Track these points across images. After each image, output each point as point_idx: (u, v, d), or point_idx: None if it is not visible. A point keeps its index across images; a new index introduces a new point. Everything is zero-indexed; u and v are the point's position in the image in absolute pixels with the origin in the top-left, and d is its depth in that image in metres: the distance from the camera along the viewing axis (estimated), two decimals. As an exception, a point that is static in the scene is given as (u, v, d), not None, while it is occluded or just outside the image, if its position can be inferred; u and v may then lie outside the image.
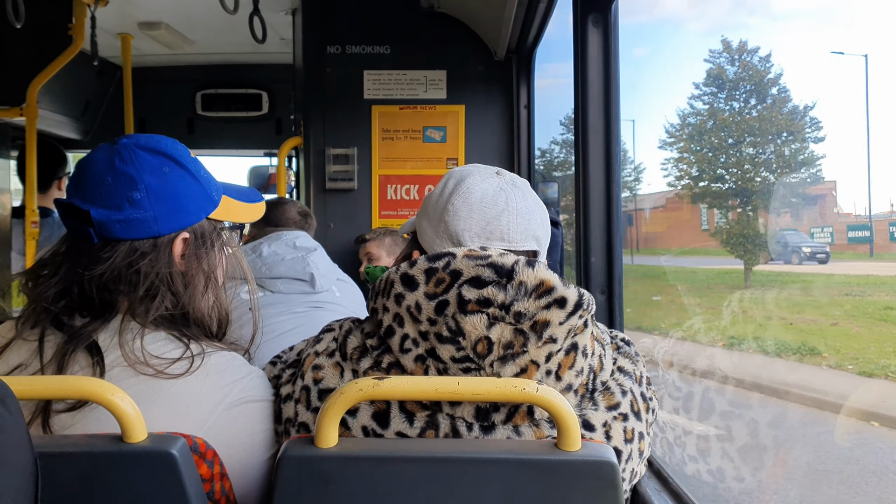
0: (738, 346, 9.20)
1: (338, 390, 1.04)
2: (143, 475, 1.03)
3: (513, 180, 1.27)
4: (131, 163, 1.22)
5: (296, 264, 2.12)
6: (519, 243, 1.21)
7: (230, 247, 1.38)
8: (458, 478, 1.03)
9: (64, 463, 1.02)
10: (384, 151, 3.59)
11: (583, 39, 1.95)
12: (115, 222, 1.21)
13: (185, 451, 1.05)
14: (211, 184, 1.33)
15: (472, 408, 1.13)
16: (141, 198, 1.21)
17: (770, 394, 7.60)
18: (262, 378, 1.30)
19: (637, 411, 1.22)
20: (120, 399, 1.03)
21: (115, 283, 1.22)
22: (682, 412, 7.00)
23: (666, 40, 13.82)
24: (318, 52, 3.53)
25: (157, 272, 1.23)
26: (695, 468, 5.79)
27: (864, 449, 6.07)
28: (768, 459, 6.22)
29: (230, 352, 1.29)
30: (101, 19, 3.28)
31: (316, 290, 2.12)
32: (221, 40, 4.13)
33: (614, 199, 1.93)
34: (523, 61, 3.53)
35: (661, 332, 10.08)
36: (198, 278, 1.29)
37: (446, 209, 1.24)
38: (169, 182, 1.25)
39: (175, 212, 1.25)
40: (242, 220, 1.42)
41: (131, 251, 1.22)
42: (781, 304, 10.42)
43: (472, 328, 1.10)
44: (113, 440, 1.04)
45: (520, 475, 1.03)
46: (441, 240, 1.24)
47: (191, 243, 1.28)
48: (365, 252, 3.34)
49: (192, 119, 4.63)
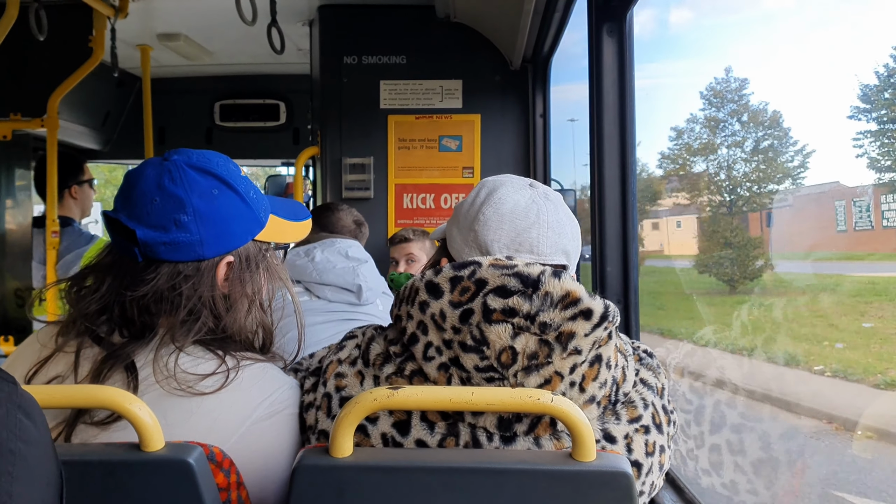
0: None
1: (352, 400, 1.04)
2: (160, 484, 1.04)
3: (546, 193, 1.26)
4: (181, 183, 1.21)
5: (346, 274, 2.13)
6: (548, 257, 1.21)
7: (274, 268, 1.36)
8: (473, 488, 1.03)
9: (82, 471, 1.03)
10: (400, 161, 3.60)
11: (598, 48, 1.95)
12: (160, 244, 1.20)
13: (201, 459, 1.05)
14: (259, 204, 1.31)
15: (495, 418, 1.13)
16: (188, 221, 1.20)
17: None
18: (295, 389, 1.29)
19: (659, 424, 1.21)
20: (138, 408, 1.04)
21: (156, 304, 1.21)
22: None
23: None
24: (335, 63, 3.55)
25: (200, 295, 1.23)
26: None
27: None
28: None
29: (266, 363, 1.28)
30: (120, 31, 3.32)
31: (361, 302, 2.13)
32: (239, 51, 4.17)
33: (630, 208, 1.92)
34: (539, 70, 3.53)
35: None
36: (241, 302, 1.28)
37: (477, 219, 1.24)
38: (217, 205, 1.23)
39: (221, 236, 1.24)
40: (288, 240, 1.40)
41: (175, 273, 1.22)
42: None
43: (496, 338, 1.10)
44: (130, 449, 1.05)
45: (535, 486, 1.02)
46: (470, 249, 1.24)
47: (235, 267, 1.27)
48: (406, 252, 3.30)
49: (210, 129, 4.67)
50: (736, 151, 8.05)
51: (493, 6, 3.16)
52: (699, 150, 8.36)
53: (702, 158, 8.38)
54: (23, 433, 0.76)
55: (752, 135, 7.97)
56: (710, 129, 8.13)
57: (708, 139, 8.22)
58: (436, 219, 3.61)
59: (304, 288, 2.11)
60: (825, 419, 4.64)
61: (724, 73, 8.14)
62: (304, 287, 2.11)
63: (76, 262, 3.31)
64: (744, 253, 7.21)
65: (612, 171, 1.93)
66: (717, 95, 8.03)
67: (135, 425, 1.04)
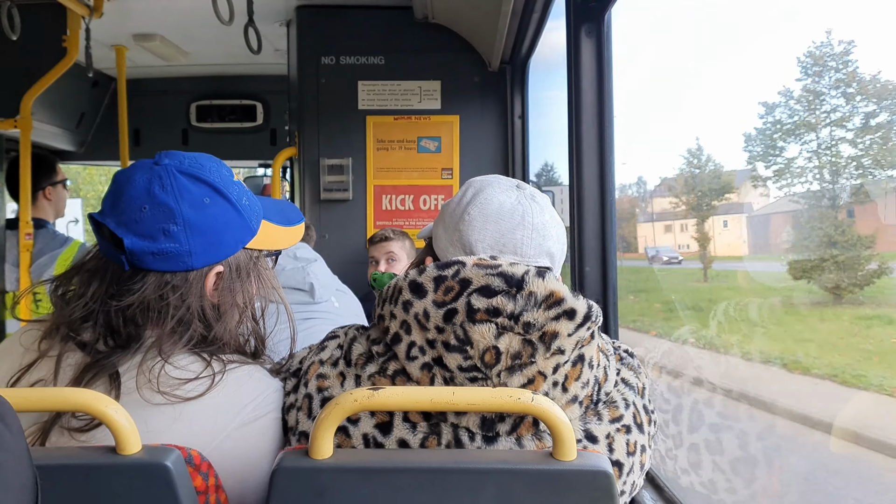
0: None
1: (332, 401, 1.03)
2: (137, 487, 1.03)
3: (532, 195, 1.26)
4: (171, 192, 1.18)
5: (296, 274, 2.12)
6: (532, 258, 1.21)
7: (266, 275, 1.33)
8: (452, 488, 1.02)
9: (58, 475, 1.02)
10: (379, 162, 3.60)
11: (576, 49, 1.96)
12: (148, 254, 1.18)
13: (179, 462, 1.04)
14: (251, 211, 1.28)
15: (478, 418, 1.12)
16: (178, 231, 1.18)
17: None
18: (279, 391, 1.27)
19: (640, 423, 1.22)
20: (114, 411, 1.03)
21: (143, 314, 1.19)
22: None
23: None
24: (313, 63, 3.54)
25: (188, 306, 1.21)
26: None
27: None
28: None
29: (252, 365, 1.26)
30: (95, 31, 3.29)
31: (315, 301, 2.11)
32: (216, 51, 4.14)
33: (608, 208, 1.93)
34: (517, 71, 3.54)
35: None
36: (231, 311, 1.26)
37: (462, 218, 1.24)
38: (208, 215, 1.20)
39: (211, 246, 1.22)
40: (281, 246, 1.37)
41: (162, 283, 1.19)
42: None
43: (480, 337, 1.10)
44: (107, 452, 1.04)
45: (515, 485, 1.02)
46: (454, 248, 1.24)
47: (225, 276, 1.25)
48: (386, 251, 3.29)
49: (186, 130, 4.63)
50: (841, 130, 6.41)
51: (472, 7, 3.16)
52: (794, 128, 6.98)
53: (796, 139, 6.92)
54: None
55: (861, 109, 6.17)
56: (807, 103, 6.67)
57: (805, 115, 6.74)
58: (415, 220, 3.60)
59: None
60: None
61: (825, 35, 6.70)
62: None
63: (50, 264, 3.27)
64: (854, 254, 5.83)
65: (590, 171, 1.94)
66: (816, 62, 6.58)
67: (111, 428, 1.02)
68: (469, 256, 1.16)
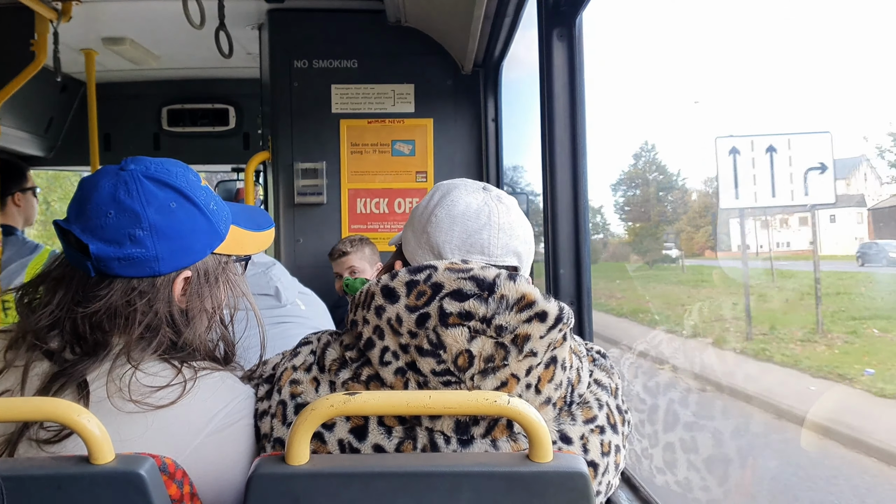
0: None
1: (308, 406, 1.03)
2: (111, 497, 1.02)
3: (499, 196, 1.27)
4: (137, 197, 1.17)
5: (259, 280, 2.10)
6: (499, 258, 1.22)
7: (234, 281, 1.32)
8: (430, 492, 1.03)
9: (28, 487, 1.00)
10: (353, 165, 3.59)
11: (548, 53, 1.97)
12: (114, 259, 1.16)
13: (153, 471, 1.03)
14: (220, 216, 1.27)
15: (452, 421, 1.13)
16: (144, 236, 1.16)
17: None
18: (251, 398, 1.27)
19: (613, 424, 1.23)
20: (86, 420, 1.01)
21: (110, 320, 1.17)
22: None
23: None
24: (285, 67, 3.52)
25: (156, 311, 1.19)
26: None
27: None
28: None
29: (224, 372, 1.25)
30: (64, 35, 3.24)
31: (282, 304, 2.10)
32: (187, 55, 4.11)
33: (582, 210, 1.94)
34: (490, 75, 3.55)
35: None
36: (200, 317, 1.25)
37: (430, 220, 1.24)
38: (175, 220, 1.19)
39: (179, 251, 1.20)
40: (250, 251, 1.36)
41: (129, 289, 1.18)
42: None
43: (453, 341, 1.10)
44: (79, 462, 1.03)
45: (492, 488, 1.03)
46: (423, 251, 1.25)
47: (193, 281, 1.24)
48: (347, 266, 3.30)
49: (157, 135, 4.59)
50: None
51: (444, 11, 3.17)
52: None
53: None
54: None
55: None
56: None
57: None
58: (390, 223, 3.60)
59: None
60: None
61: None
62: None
63: (20, 271, 3.22)
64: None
65: (563, 174, 1.95)
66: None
67: (83, 437, 1.01)
68: (441, 261, 1.17)
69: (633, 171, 13.54)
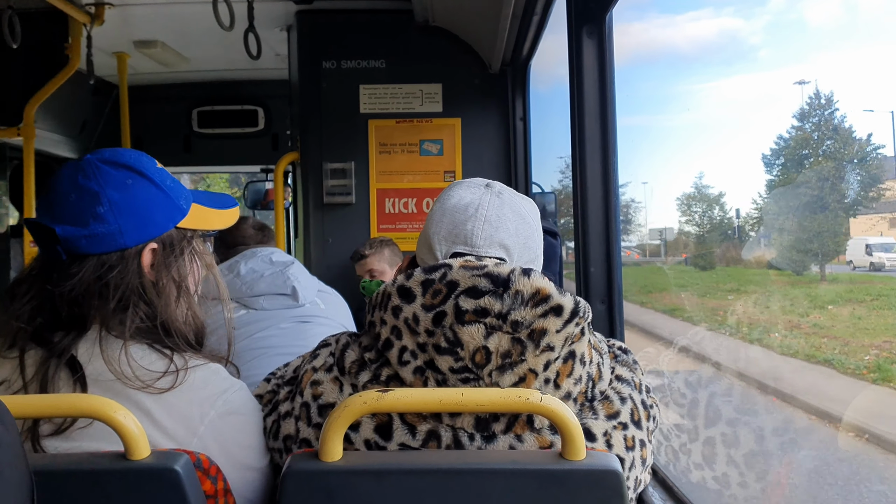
0: None
1: (341, 404, 1.04)
2: (146, 492, 1.03)
3: (499, 191, 1.28)
4: (94, 178, 1.24)
5: (276, 279, 2.11)
6: (482, 249, 1.22)
7: (201, 254, 1.38)
8: (462, 489, 1.03)
9: (66, 481, 1.02)
10: (381, 165, 3.60)
11: (577, 51, 1.96)
12: (80, 238, 1.22)
13: (188, 467, 1.04)
14: (178, 192, 1.33)
15: (472, 418, 1.13)
16: (105, 212, 1.23)
17: None
18: (245, 390, 1.31)
19: (637, 420, 1.22)
20: (123, 416, 1.03)
21: (84, 297, 1.23)
22: None
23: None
24: (314, 68, 3.54)
25: (128, 284, 1.24)
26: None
27: None
28: None
29: (213, 363, 1.30)
30: (97, 38, 3.29)
31: (300, 303, 2.11)
32: (217, 57, 4.15)
33: (612, 208, 1.93)
34: (518, 73, 3.54)
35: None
36: (169, 287, 1.29)
37: (429, 216, 1.29)
38: (132, 194, 1.26)
39: (141, 223, 1.26)
40: (214, 227, 1.42)
41: (99, 265, 1.24)
42: None
43: (469, 338, 1.11)
44: (116, 458, 1.04)
45: (524, 485, 1.03)
46: (421, 246, 1.29)
47: (159, 253, 1.29)
48: (367, 269, 3.32)
49: (188, 136, 4.64)
50: None
51: (472, 10, 3.17)
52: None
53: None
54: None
55: None
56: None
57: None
58: (418, 223, 3.61)
59: (241, 304, 2.08)
60: None
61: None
62: (237, 303, 2.08)
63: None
64: None
65: (594, 172, 1.94)
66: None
67: (120, 433, 1.03)
68: (455, 258, 1.18)
69: (800, 136, 8.40)
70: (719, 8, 16.48)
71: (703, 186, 10.56)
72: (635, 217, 13.06)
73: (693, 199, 10.47)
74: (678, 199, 10.75)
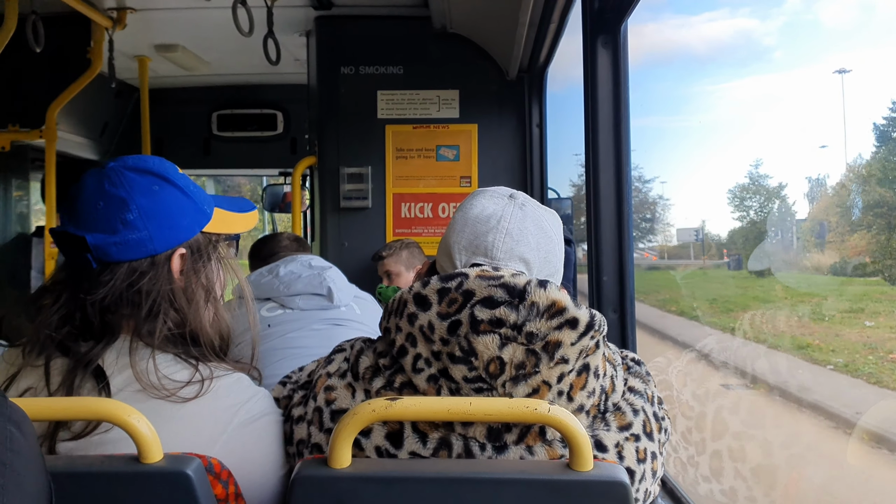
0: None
1: (351, 411, 1.05)
2: (159, 495, 1.04)
3: (523, 203, 1.28)
4: (121, 185, 1.24)
5: (313, 280, 2.15)
6: (502, 262, 1.22)
7: (226, 258, 1.39)
8: (470, 498, 1.03)
9: (79, 484, 1.04)
10: (398, 170, 3.62)
11: (592, 60, 1.97)
12: (111, 245, 1.22)
13: (200, 471, 1.06)
14: (202, 197, 1.34)
15: (484, 428, 1.14)
16: (134, 218, 1.23)
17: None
18: (268, 397, 1.32)
19: (650, 432, 1.22)
20: (136, 420, 1.04)
21: (116, 305, 1.23)
22: None
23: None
24: (332, 73, 3.57)
25: (159, 290, 1.25)
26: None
27: None
28: None
29: (237, 373, 1.30)
30: (118, 42, 3.34)
31: (335, 305, 2.13)
32: (236, 61, 4.18)
33: (625, 217, 1.93)
34: (535, 80, 3.55)
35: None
36: (198, 293, 1.30)
37: (450, 224, 1.28)
38: (160, 200, 1.26)
39: (169, 229, 1.27)
40: (237, 230, 1.43)
41: (131, 272, 1.24)
42: None
43: (484, 348, 1.11)
44: (129, 461, 1.06)
45: (532, 495, 1.03)
46: (441, 254, 1.28)
47: (188, 258, 1.30)
48: (384, 270, 3.35)
49: (207, 139, 4.67)
50: None
51: (490, 17, 3.18)
52: None
53: None
54: (13, 444, 0.77)
55: None
56: None
57: None
58: (434, 228, 3.62)
59: (276, 303, 2.11)
60: None
61: None
62: (275, 302, 2.11)
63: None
64: None
65: (607, 181, 1.94)
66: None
67: (134, 437, 1.04)
68: (471, 268, 1.18)
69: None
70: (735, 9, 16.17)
71: (759, 177, 9.09)
72: (663, 215, 12.29)
73: (747, 190, 8.90)
74: (731, 190, 9.08)
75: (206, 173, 6.58)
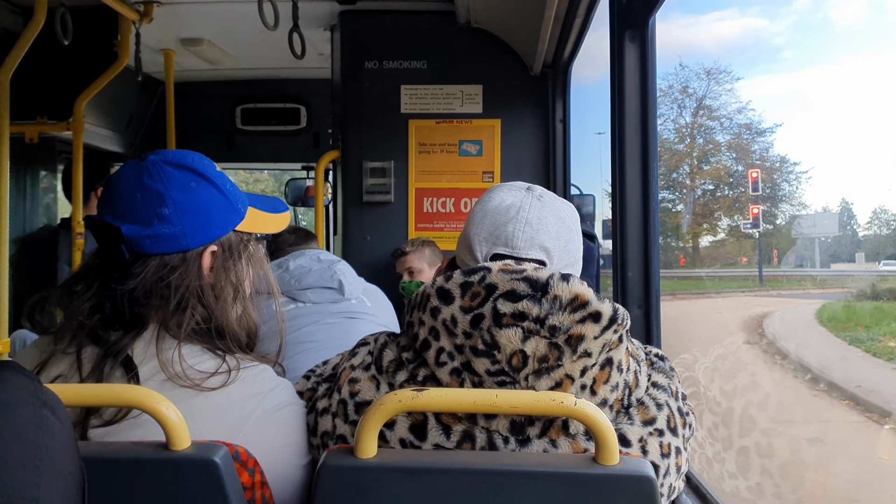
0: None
1: (377, 402, 1.05)
2: (186, 481, 1.06)
3: (540, 195, 1.29)
4: (159, 179, 1.25)
5: (323, 273, 2.15)
6: (522, 251, 1.23)
7: (257, 258, 1.40)
8: (495, 490, 1.03)
9: (109, 469, 1.05)
10: (421, 165, 3.62)
11: (619, 55, 1.95)
12: (145, 238, 1.24)
13: (227, 459, 1.07)
14: (237, 196, 1.36)
15: (507, 421, 1.14)
16: (170, 213, 1.25)
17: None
18: (290, 388, 1.33)
19: (674, 427, 1.22)
20: (165, 407, 1.06)
21: (146, 297, 1.25)
22: None
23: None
24: (356, 68, 3.57)
25: (188, 285, 1.27)
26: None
27: None
28: None
29: (262, 364, 1.32)
30: (145, 36, 3.36)
31: (346, 297, 2.14)
32: (261, 55, 4.20)
33: (651, 213, 1.92)
34: (559, 76, 3.54)
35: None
36: (227, 290, 1.32)
37: (469, 217, 1.30)
38: (196, 196, 1.28)
39: (203, 225, 1.28)
40: (269, 230, 1.44)
41: (162, 265, 1.26)
42: None
43: (507, 342, 1.11)
44: (158, 448, 1.07)
45: (557, 489, 1.03)
46: (461, 247, 1.29)
47: (219, 256, 1.31)
48: (406, 266, 3.35)
49: (231, 133, 4.70)
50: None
51: (514, 12, 3.17)
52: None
53: None
54: (48, 428, 0.78)
55: None
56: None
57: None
58: (456, 223, 3.62)
59: (289, 297, 2.12)
60: None
61: None
62: (286, 296, 2.12)
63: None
64: None
65: (633, 177, 1.93)
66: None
67: (162, 424, 1.05)
68: (494, 262, 1.18)
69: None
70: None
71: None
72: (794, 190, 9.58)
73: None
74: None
75: (230, 167, 6.63)
